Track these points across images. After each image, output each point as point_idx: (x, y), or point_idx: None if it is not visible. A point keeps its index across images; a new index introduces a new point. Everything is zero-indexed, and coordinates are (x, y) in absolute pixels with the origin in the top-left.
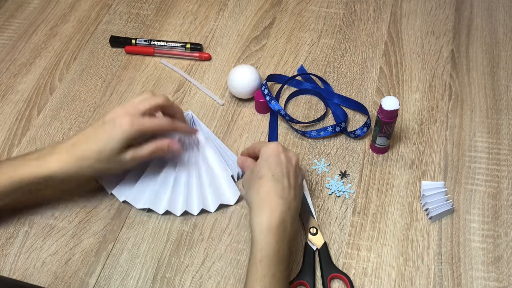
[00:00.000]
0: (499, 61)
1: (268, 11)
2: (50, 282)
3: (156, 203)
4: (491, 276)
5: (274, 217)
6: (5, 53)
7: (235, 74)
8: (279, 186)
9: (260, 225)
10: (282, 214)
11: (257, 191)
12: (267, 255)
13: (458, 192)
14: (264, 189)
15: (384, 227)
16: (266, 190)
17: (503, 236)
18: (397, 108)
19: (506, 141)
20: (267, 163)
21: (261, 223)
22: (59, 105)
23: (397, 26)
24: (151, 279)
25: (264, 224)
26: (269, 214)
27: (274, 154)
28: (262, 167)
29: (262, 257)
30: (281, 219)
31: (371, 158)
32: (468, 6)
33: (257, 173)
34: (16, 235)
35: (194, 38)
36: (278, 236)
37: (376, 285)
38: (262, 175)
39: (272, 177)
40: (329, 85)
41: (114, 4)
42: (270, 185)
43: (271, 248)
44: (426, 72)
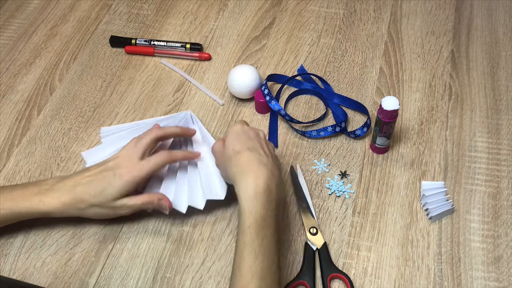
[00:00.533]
0: (499, 61)
1: (268, 11)
2: (50, 282)
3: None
4: (491, 276)
5: (259, 182)
6: (5, 53)
7: (235, 74)
8: (257, 155)
9: (246, 192)
10: (267, 179)
11: (237, 164)
12: (254, 220)
13: (458, 192)
14: (244, 159)
15: (384, 227)
16: (246, 160)
17: (503, 236)
18: (397, 108)
19: (506, 141)
20: (238, 140)
21: (247, 190)
22: (59, 105)
23: (397, 26)
24: (151, 279)
25: (250, 191)
26: (253, 181)
27: (242, 131)
28: (234, 144)
29: (250, 223)
30: (266, 184)
31: (371, 158)
32: (468, 6)
33: (232, 150)
34: (16, 235)
35: (194, 38)
36: (264, 201)
37: (376, 285)
38: (238, 150)
39: (248, 149)
40: (329, 85)
41: (114, 4)
42: (248, 155)
43: (258, 213)
44: (426, 72)
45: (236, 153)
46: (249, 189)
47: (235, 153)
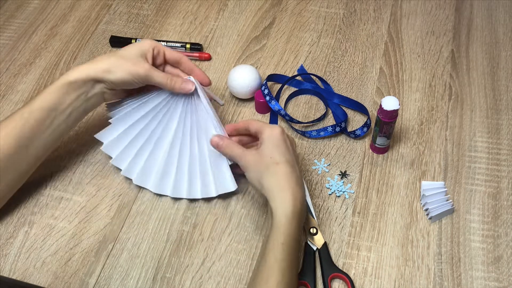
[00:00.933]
0: (499, 61)
1: (268, 11)
2: (50, 282)
3: (162, 186)
4: (491, 276)
5: (297, 203)
6: (5, 53)
7: (235, 74)
8: (295, 172)
9: (285, 210)
10: (302, 200)
11: (275, 176)
12: (289, 239)
13: (458, 192)
14: (283, 175)
15: (384, 227)
16: (285, 176)
17: (503, 236)
18: (397, 108)
19: (506, 141)
20: (278, 148)
21: (286, 208)
22: None
23: (397, 26)
24: (151, 279)
25: (288, 209)
26: (292, 200)
27: (282, 139)
28: (274, 152)
29: (284, 240)
30: (302, 205)
31: (371, 158)
32: (468, 6)
33: (271, 158)
34: (16, 235)
35: (194, 38)
36: (299, 221)
37: (376, 285)
38: (278, 161)
39: (287, 163)
40: (329, 85)
41: (114, 4)
42: (288, 171)
43: (293, 233)
44: (426, 72)
45: (275, 164)
46: (287, 207)
47: (275, 163)
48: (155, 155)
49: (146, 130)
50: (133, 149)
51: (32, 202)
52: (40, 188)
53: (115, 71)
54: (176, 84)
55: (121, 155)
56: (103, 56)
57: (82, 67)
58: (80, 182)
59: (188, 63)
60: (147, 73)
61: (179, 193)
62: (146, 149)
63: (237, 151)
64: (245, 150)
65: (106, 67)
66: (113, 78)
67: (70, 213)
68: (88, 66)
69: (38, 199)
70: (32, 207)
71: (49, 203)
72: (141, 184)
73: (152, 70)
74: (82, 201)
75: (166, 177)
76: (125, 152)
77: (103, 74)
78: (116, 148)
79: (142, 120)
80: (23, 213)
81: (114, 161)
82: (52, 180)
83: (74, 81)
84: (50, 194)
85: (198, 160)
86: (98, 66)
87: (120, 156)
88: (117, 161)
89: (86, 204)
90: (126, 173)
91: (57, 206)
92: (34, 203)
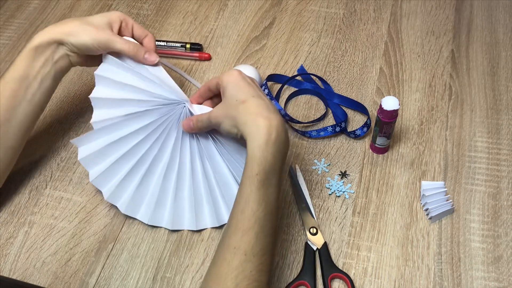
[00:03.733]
0: (499, 61)
1: (268, 11)
2: (50, 282)
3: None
4: (491, 276)
5: (271, 130)
6: (5, 53)
7: None
8: (266, 104)
9: (257, 139)
10: (279, 127)
11: (245, 111)
12: (263, 168)
13: (458, 192)
14: (253, 107)
15: (384, 227)
16: (255, 108)
17: (503, 236)
18: (397, 108)
19: (506, 141)
20: (239, 88)
21: (259, 137)
22: (59, 105)
23: (397, 26)
24: (151, 279)
25: (262, 137)
26: (266, 128)
27: (241, 78)
28: (237, 92)
29: (259, 170)
30: (278, 132)
31: (371, 158)
32: (468, 6)
33: (236, 101)
34: (16, 235)
35: (194, 38)
36: (275, 149)
37: (376, 285)
38: (244, 99)
39: (253, 97)
40: (329, 85)
41: (114, 4)
42: (257, 103)
43: (268, 161)
44: (426, 72)
45: (241, 102)
46: (261, 135)
47: (241, 102)
48: (147, 182)
49: (135, 151)
50: (119, 172)
51: (32, 202)
52: (40, 188)
53: (77, 34)
54: (139, 52)
55: (104, 176)
56: (68, 19)
57: (45, 30)
58: (80, 182)
59: (150, 43)
60: (109, 39)
61: (179, 225)
62: (136, 174)
63: (204, 117)
64: (211, 109)
65: (68, 30)
66: (74, 41)
67: (70, 213)
68: (51, 28)
69: (38, 199)
70: (32, 207)
71: (49, 203)
72: (131, 214)
73: (114, 36)
74: (82, 201)
75: (160, 207)
76: (109, 173)
77: (65, 36)
78: (97, 164)
79: (130, 137)
80: (23, 213)
81: (95, 181)
82: (52, 180)
83: (39, 45)
84: (50, 194)
85: (203, 186)
86: (60, 28)
87: (103, 177)
88: (98, 182)
89: (86, 204)
90: (111, 199)
91: (57, 206)
92: (34, 203)
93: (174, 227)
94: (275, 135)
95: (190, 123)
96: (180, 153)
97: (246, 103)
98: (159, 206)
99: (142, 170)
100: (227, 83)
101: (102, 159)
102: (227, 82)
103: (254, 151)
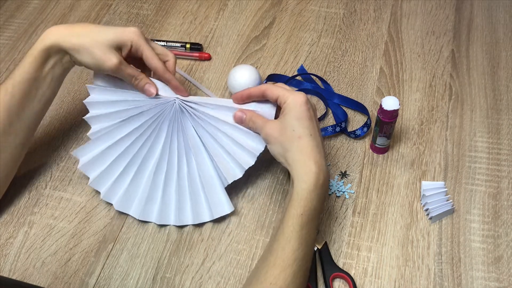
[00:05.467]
0: (499, 61)
1: (268, 11)
2: (50, 282)
3: (146, 212)
4: (491, 276)
5: (320, 175)
6: (5, 53)
7: (235, 74)
8: (319, 145)
9: (306, 181)
10: (325, 173)
11: (298, 151)
12: (308, 210)
13: (458, 192)
14: (306, 148)
15: (384, 227)
16: (308, 150)
17: (503, 236)
18: (397, 108)
19: (506, 141)
20: (301, 121)
21: (308, 179)
22: (59, 105)
23: (397, 26)
24: (151, 279)
25: (311, 181)
26: (316, 172)
27: (306, 109)
28: (297, 125)
29: (304, 211)
30: (325, 178)
31: (371, 158)
32: (468, 6)
33: (293, 131)
34: (16, 235)
35: (194, 38)
36: (320, 193)
37: (376, 285)
38: (301, 135)
39: (310, 136)
40: (329, 85)
41: (114, 4)
42: (311, 145)
43: (313, 205)
44: (426, 72)
45: (298, 138)
46: (311, 180)
47: (297, 137)
48: (138, 178)
49: (128, 151)
50: (114, 172)
51: (32, 202)
52: (40, 188)
53: (83, 53)
54: (139, 86)
55: (101, 177)
56: (82, 27)
57: (57, 32)
58: (80, 182)
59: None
60: (113, 69)
61: (166, 220)
62: (129, 172)
63: (259, 124)
64: (266, 121)
65: (76, 46)
66: (79, 59)
67: (70, 213)
68: (63, 34)
69: (38, 199)
70: (32, 207)
71: (49, 203)
72: (123, 210)
73: (118, 66)
74: (82, 201)
75: (150, 203)
76: (105, 174)
77: (71, 51)
78: (96, 168)
79: (124, 139)
80: (23, 213)
81: (93, 183)
82: (52, 180)
83: (49, 48)
84: (50, 194)
85: (188, 183)
86: (71, 40)
87: (100, 178)
88: (96, 183)
89: (86, 204)
90: (106, 197)
91: (57, 206)
92: (34, 203)
93: (162, 222)
94: (322, 180)
95: (243, 117)
96: (170, 149)
97: (301, 140)
98: (149, 201)
99: (134, 167)
100: (293, 107)
101: (99, 162)
102: (293, 106)
103: (302, 193)
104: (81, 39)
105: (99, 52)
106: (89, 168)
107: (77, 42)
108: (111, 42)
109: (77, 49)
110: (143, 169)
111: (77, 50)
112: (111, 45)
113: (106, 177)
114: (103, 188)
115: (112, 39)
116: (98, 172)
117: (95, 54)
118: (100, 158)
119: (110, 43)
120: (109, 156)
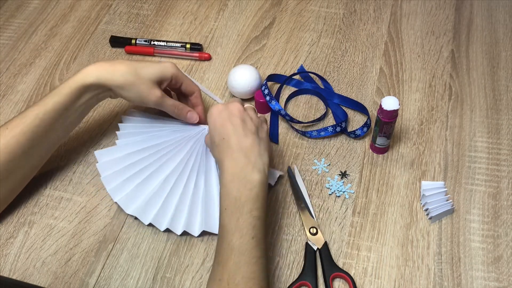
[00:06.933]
0: (499, 61)
1: (268, 11)
2: (50, 282)
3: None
4: (491, 276)
5: (234, 170)
6: (5, 53)
7: (235, 74)
8: (232, 143)
9: (223, 178)
10: (239, 164)
11: (217, 153)
12: (229, 203)
13: (458, 192)
14: (220, 151)
15: (384, 227)
16: (222, 151)
17: (503, 236)
18: (397, 108)
19: (506, 141)
20: (216, 130)
21: (225, 176)
22: None
23: (397, 26)
24: (151, 279)
25: (227, 177)
26: (229, 169)
27: (216, 115)
28: (213, 134)
29: (226, 205)
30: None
31: (371, 158)
32: (468, 6)
33: (213, 140)
34: (16, 235)
35: (194, 38)
36: (239, 185)
37: (376, 285)
38: (216, 142)
39: (223, 140)
40: (329, 84)
41: (114, 4)
42: (223, 148)
43: (233, 196)
44: (426, 72)
45: (216, 145)
46: (226, 175)
47: (216, 145)
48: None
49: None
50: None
51: (32, 202)
52: (40, 188)
53: (129, 90)
54: (182, 114)
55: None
56: (122, 65)
57: (100, 72)
58: (80, 182)
59: (196, 99)
60: (157, 102)
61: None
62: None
63: None
64: None
65: (121, 84)
66: (125, 95)
67: (70, 213)
68: (106, 74)
69: (38, 199)
70: (32, 207)
71: (49, 203)
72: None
73: (162, 98)
74: (82, 201)
75: (150, 207)
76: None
77: (116, 88)
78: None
79: (148, 149)
80: (23, 213)
81: (111, 191)
82: (52, 180)
83: (90, 85)
84: (50, 194)
85: (191, 196)
86: (115, 79)
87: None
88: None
89: (86, 204)
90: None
91: (57, 206)
92: (34, 203)
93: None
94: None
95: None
96: (185, 164)
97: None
98: (150, 204)
99: (147, 172)
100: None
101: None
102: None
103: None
104: (126, 77)
105: (144, 88)
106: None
107: (122, 80)
108: (153, 77)
109: (122, 86)
110: (156, 176)
111: (122, 87)
112: (154, 80)
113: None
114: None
115: (154, 75)
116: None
117: (140, 90)
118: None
119: (153, 78)
120: (129, 166)
